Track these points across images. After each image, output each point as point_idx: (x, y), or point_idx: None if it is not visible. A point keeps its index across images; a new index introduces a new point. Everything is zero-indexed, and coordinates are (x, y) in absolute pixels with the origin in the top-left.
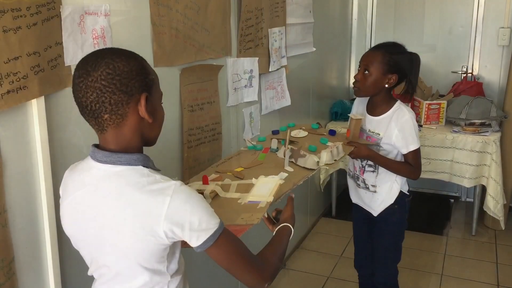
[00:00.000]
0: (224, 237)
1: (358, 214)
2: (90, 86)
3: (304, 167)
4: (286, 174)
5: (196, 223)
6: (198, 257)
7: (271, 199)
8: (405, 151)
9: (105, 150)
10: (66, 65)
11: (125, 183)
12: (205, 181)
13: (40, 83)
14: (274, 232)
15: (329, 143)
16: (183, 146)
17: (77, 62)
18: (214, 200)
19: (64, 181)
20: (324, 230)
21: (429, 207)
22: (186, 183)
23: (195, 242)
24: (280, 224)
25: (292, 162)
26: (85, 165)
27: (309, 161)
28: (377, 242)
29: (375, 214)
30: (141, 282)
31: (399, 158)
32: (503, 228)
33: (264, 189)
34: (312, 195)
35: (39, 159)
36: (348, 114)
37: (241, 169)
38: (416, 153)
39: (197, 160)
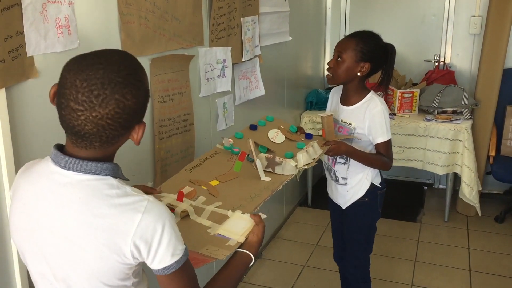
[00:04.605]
0: (185, 267)
1: (333, 207)
2: (92, 121)
3: (282, 175)
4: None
5: (163, 246)
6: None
7: (242, 239)
8: (376, 142)
9: (71, 155)
10: (28, 55)
11: (91, 194)
12: (180, 198)
13: (0, 75)
14: (232, 253)
15: (305, 147)
16: (155, 138)
17: (40, 52)
18: (183, 220)
19: (16, 182)
20: (300, 219)
21: (403, 195)
22: (158, 189)
23: (157, 264)
24: (243, 249)
25: (269, 171)
26: (45, 168)
27: (286, 167)
28: (348, 234)
29: (343, 207)
30: None
31: (369, 149)
32: (480, 214)
33: (238, 226)
34: (288, 184)
35: (1, 155)
36: (319, 114)
37: (217, 183)
38: (388, 144)
39: (169, 152)
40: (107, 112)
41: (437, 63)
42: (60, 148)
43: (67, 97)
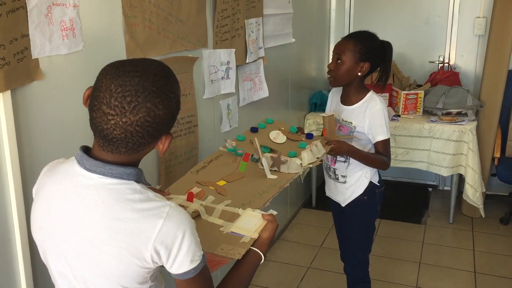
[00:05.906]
0: (202, 272)
1: (334, 207)
2: (121, 126)
3: (288, 173)
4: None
5: (183, 251)
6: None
7: (256, 235)
8: (376, 140)
9: (96, 158)
10: (33, 57)
11: (115, 199)
12: (190, 199)
13: (5, 77)
14: (243, 254)
15: (308, 146)
16: None
17: (45, 55)
18: (195, 220)
19: (40, 181)
20: (304, 221)
21: (407, 196)
22: (167, 191)
23: (176, 269)
24: (254, 247)
25: (275, 170)
26: (70, 169)
27: (292, 165)
28: (346, 233)
29: (343, 204)
30: None
31: (369, 148)
32: (483, 216)
33: (250, 223)
34: (292, 186)
35: (6, 156)
36: (320, 114)
37: (224, 183)
38: (387, 143)
39: (173, 154)
40: (137, 119)
41: (442, 64)
42: (85, 150)
43: (100, 100)
